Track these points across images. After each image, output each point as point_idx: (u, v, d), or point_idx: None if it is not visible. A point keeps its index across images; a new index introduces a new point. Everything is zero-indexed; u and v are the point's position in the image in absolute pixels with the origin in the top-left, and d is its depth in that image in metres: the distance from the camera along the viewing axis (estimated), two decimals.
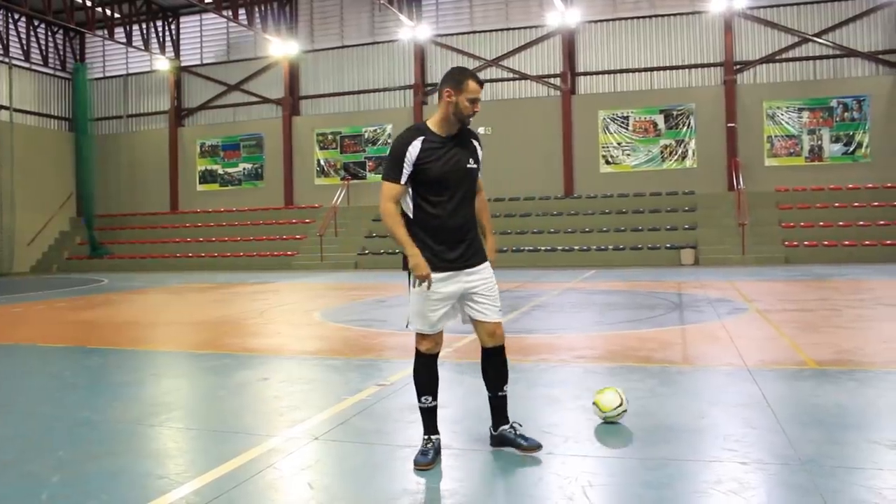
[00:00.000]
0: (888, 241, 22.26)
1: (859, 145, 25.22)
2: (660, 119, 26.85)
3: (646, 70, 27.28)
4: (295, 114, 31.08)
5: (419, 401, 4.14)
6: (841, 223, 23.41)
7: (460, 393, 5.86)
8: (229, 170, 32.22)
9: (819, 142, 25.62)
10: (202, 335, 9.89)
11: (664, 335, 8.65)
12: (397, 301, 13.89)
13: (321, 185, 30.60)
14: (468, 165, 4.06)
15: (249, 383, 6.42)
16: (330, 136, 30.63)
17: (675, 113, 26.70)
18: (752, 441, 4.31)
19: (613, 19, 27.54)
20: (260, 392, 6.09)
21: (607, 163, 27.34)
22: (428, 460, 3.98)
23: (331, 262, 26.39)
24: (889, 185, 24.47)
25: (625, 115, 27.16)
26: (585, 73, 27.90)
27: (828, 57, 25.78)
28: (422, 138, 3.98)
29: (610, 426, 4.71)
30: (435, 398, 4.13)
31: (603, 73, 27.70)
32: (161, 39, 31.68)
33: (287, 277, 21.87)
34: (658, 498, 3.46)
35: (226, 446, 4.42)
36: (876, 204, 23.83)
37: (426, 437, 4.11)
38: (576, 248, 24.55)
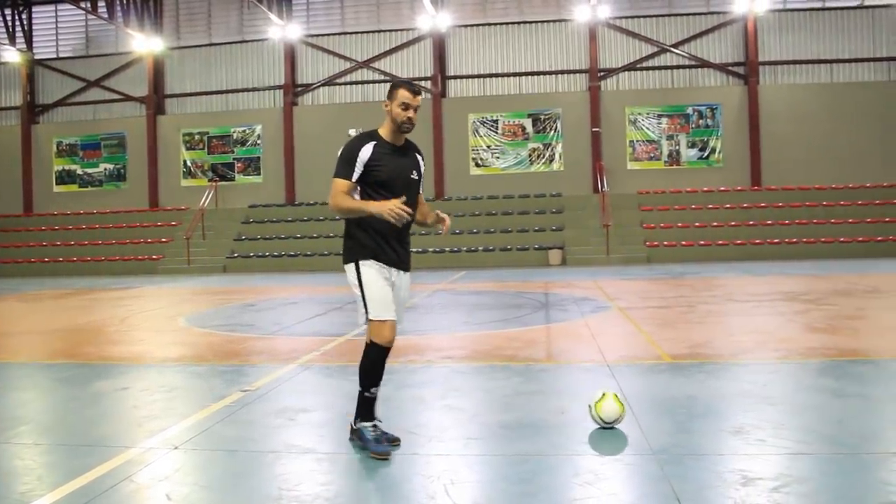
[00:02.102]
0: (739, 241, 23.67)
1: (713, 150, 26.69)
2: (528, 123, 27.51)
3: (514, 75, 27.89)
4: (160, 112, 29.92)
5: (368, 392, 4.27)
6: (697, 224, 24.71)
7: (326, 396, 5.84)
8: (89, 170, 30.62)
9: (677, 147, 26.94)
10: (57, 344, 9.37)
11: (529, 334, 8.89)
12: (267, 305, 13.66)
13: (188, 186, 29.58)
14: (412, 176, 4.34)
15: (107, 393, 6.14)
16: (197, 137, 29.67)
17: (542, 117, 27.43)
18: (609, 434, 4.50)
19: (483, 24, 28.02)
20: (118, 402, 5.84)
21: (477, 165, 27.79)
22: (388, 448, 4.16)
23: (198, 266, 25.58)
24: (739, 188, 26.06)
25: (494, 118, 27.67)
26: (456, 77, 28.25)
27: (684, 67, 27.17)
28: (374, 143, 4.25)
29: (474, 425, 4.81)
30: (379, 388, 4.31)
31: (473, 76, 28.13)
32: (10, 29, 29.74)
33: (152, 282, 21.07)
34: (519, 493, 3.56)
35: (78, 460, 4.21)
36: (728, 206, 25.30)
37: (371, 424, 4.25)
38: (446, 249, 24.80)
